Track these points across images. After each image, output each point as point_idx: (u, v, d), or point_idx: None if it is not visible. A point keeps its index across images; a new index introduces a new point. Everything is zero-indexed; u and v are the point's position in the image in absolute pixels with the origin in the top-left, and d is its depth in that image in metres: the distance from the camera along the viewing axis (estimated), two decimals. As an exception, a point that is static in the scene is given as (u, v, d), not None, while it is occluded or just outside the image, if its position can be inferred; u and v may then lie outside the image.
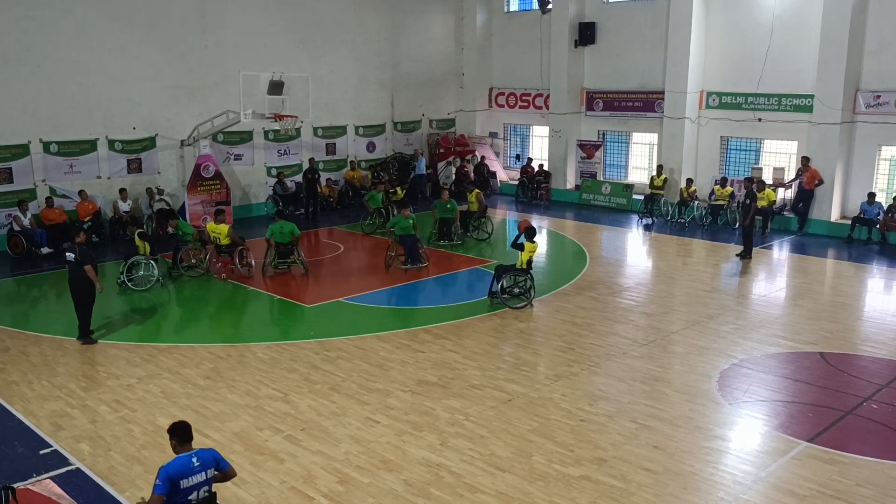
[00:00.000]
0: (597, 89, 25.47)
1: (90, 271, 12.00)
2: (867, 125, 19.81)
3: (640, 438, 8.94)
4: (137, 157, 20.71)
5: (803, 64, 20.42)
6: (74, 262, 12.01)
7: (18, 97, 18.51)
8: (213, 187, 20.96)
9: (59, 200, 19.03)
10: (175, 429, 6.40)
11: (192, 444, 6.38)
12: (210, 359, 11.61)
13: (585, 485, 7.92)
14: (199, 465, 6.23)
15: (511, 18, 27.79)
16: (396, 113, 26.80)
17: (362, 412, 9.70)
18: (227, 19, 21.85)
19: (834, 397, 10.13)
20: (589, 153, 25.65)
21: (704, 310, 13.88)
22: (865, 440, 8.97)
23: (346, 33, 24.72)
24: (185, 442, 6.35)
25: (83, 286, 12.08)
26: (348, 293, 15.02)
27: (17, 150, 18.67)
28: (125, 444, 8.88)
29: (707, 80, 22.67)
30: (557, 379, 10.75)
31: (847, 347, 12.06)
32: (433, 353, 11.79)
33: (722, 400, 10.06)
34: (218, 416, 9.61)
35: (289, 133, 22.63)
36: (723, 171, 22.71)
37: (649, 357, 11.60)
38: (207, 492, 6.35)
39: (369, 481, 8.02)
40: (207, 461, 6.32)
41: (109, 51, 19.70)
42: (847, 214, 20.26)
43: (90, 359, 11.65)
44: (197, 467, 6.22)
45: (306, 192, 23.10)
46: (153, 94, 20.68)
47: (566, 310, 13.93)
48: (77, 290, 12.12)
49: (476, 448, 8.71)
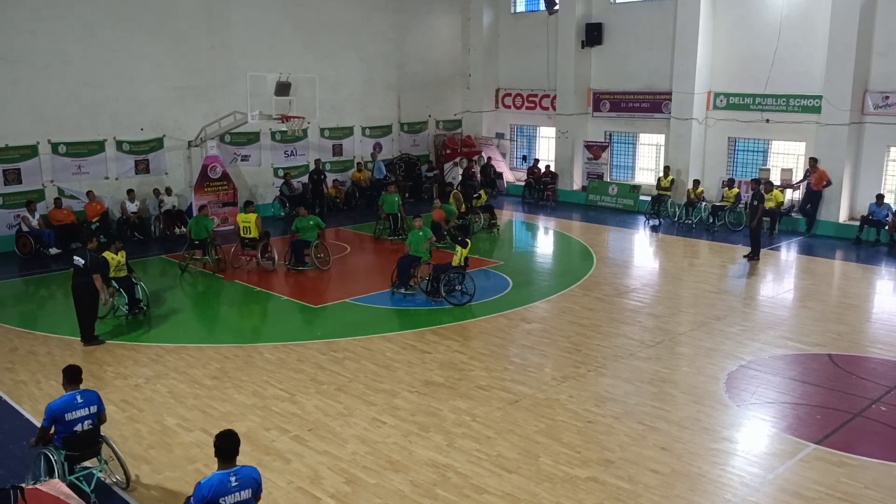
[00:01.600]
0: (604, 90, 25.43)
1: (98, 280, 11.95)
2: (876, 126, 19.74)
3: (648, 440, 8.92)
4: (145, 158, 20.78)
5: (811, 65, 20.35)
6: (83, 269, 11.91)
7: (26, 98, 18.59)
8: (221, 188, 21.02)
9: (67, 201, 19.09)
10: (66, 371, 7.54)
11: (78, 386, 7.49)
12: (217, 359, 11.63)
13: (592, 486, 7.90)
14: (82, 402, 7.24)
15: (518, 19, 27.77)
16: (403, 114, 26.82)
17: (369, 413, 9.70)
18: (235, 20, 21.91)
19: (842, 399, 10.09)
20: (596, 154, 25.61)
21: (712, 311, 13.84)
22: (874, 442, 8.93)
23: (352, 34, 24.75)
24: (72, 383, 7.42)
25: (87, 292, 11.99)
26: (355, 294, 15.03)
27: (26, 150, 18.75)
28: (132, 443, 8.90)
29: (714, 81, 22.61)
30: (564, 380, 10.74)
31: (855, 349, 12.01)
32: (440, 353, 11.79)
33: (729, 402, 10.03)
34: (225, 417, 9.62)
35: (296, 134, 22.73)
36: (730, 172, 22.65)
37: (656, 358, 11.58)
38: (91, 424, 7.42)
39: (376, 482, 8.02)
40: (92, 399, 7.48)
41: (117, 52, 19.77)
42: (855, 216, 20.18)
43: (98, 359, 11.68)
44: (80, 403, 7.24)
45: (312, 193, 23.12)
46: (161, 95, 20.74)
47: (573, 311, 13.91)
48: (81, 295, 12.02)
49: (483, 449, 8.70)
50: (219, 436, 6.06)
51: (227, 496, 5.86)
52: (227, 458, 5.99)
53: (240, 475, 5.97)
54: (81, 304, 12.10)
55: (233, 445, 6.00)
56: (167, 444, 8.91)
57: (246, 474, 6.03)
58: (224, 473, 5.92)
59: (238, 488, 5.92)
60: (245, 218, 16.70)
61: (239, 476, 5.96)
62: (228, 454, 5.99)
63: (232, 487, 5.89)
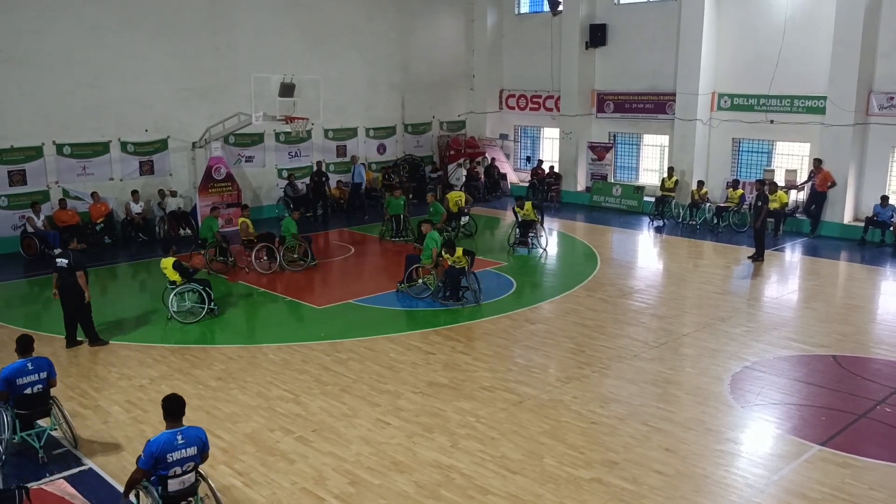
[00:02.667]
0: (608, 91, 25.42)
1: (81, 278, 11.92)
2: (880, 127, 19.70)
3: (652, 441, 8.92)
4: (150, 159, 20.82)
5: (816, 65, 20.31)
6: (67, 269, 11.89)
7: (32, 99, 18.64)
8: (225, 189, 21.05)
9: (71, 202, 19.14)
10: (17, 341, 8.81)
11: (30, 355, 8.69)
12: (221, 360, 11.65)
13: (596, 487, 7.90)
14: (32, 369, 8.50)
15: (522, 20, 27.77)
16: (407, 115, 26.83)
17: (373, 413, 9.71)
18: (239, 22, 21.94)
19: (847, 400, 10.07)
20: (600, 155, 25.60)
21: (716, 312, 13.82)
22: (879, 444, 8.92)
23: (356, 35, 24.78)
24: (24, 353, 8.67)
25: (74, 292, 11.97)
26: (359, 295, 15.05)
27: (31, 152, 18.80)
28: (137, 444, 8.89)
29: (719, 82, 22.59)
30: (568, 381, 10.73)
31: (860, 350, 11.99)
32: (444, 354, 11.79)
33: (734, 403, 10.01)
34: (229, 417, 9.64)
35: (300, 135, 22.73)
36: (734, 173, 22.62)
37: (660, 359, 11.57)
38: (41, 388, 8.54)
39: (380, 483, 8.03)
40: (42, 366, 8.63)
41: (121, 53, 19.82)
42: (860, 217, 20.13)
43: (103, 360, 11.71)
44: (31, 370, 8.51)
45: (314, 195, 23.15)
46: (165, 97, 20.78)
47: (577, 312, 13.91)
48: (69, 297, 11.99)
49: (487, 450, 8.70)
50: (165, 399, 6.89)
51: (174, 452, 6.63)
52: (174, 419, 6.80)
53: (186, 434, 6.75)
54: (68, 305, 12.05)
55: (178, 407, 6.83)
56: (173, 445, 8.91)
57: (192, 433, 6.81)
58: (171, 432, 6.71)
59: (184, 445, 6.69)
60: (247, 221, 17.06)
61: (185, 435, 6.74)
62: (175, 415, 6.81)
63: (178, 444, 6.66)
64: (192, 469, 6.83)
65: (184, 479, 6.79)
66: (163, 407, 6.84)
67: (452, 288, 14.23)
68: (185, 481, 6.81)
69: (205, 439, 6.90)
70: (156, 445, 6.59)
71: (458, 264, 14.11)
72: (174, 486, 6.74)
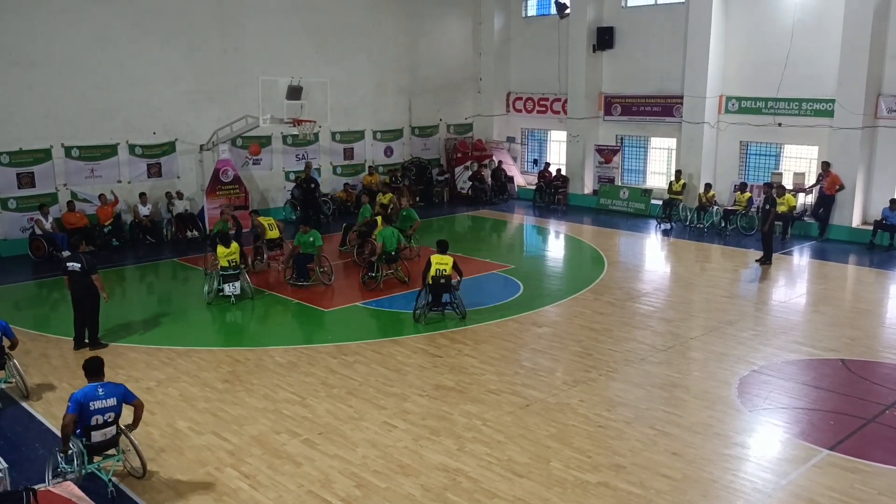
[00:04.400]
0: (615, 94, 25.39)
1: (98, 280, 11.96)
2: (889, 130, 19.61)
3: (659, 445, 8.89)
4: (157, 162, 20.90)
5: (824, 68, 20.24)
6: (80, 272, 11.88)
7: (40, 102, 18.74)
8: (232, 191, 21.10)
9: (80, 204, 19.20)
10: None
11: None
12: (228, 362, 11.67)
13: (603, 491, 7.88)
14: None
15: (529, 23, 27.77)
16: (414, 118, 26.85)
17: (379, 416, 9.70)
18: (247, 25, 22.00)
19: (855, 405, 10.01)
20: (607, 158, 25.56)
21: (724, 316, 13.77)
22: (888, 448, 8.86)
23: (364, 38, 24.82)
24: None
25: (89, 294, 11.99)
26: (366, 297, 15.05)
27: (39, 154, 18.90)
28: (144, 446, 8.90)
29: (726, 85, 22.53)
30: (575, 384, 10.71)
31: (869, 354, 11.92)
32: (450, 357, 11.78)
33: (742, 407, 9.97)
34: (236, 420, 9.65)
35: (307, 138, 22.79)
36: (742, 176, 22.55)
37: (668, 363, 11.53)
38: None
39: (386, 486, 8.02)
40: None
41: (130, 56, 19.90)
42: (869, 220, 20.05)
43: (110, 361, 11.65)
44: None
45: (303, 203, 22.12)
46: (173, 99, 20.85)
47: (584, 315, 13.88)
48: (85, 298, 11.99)
49: (493, 453, 8.68)
50: (85, 361, 8.10)
51: (96, 401, 7.77)
52: (95, 375, 7.95)
53: (105, 387, 7.90)
54: (83, 308, 12.06)
55: (97, 366, 7.99)
56: (178, 447, 8.94)
57: (112, 387, 7.98)
58: (93, 385, 7.87)
59: (105, 396, 7.83)
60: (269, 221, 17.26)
61: (105, 388, 7.88)
62: (95, 372, 7.96)
63: (99, 395, 7.81)
64: (112, 420, 7.91)
65: (105, 430, 7.87)
66: (84, 368, 8.04)
67: (298, 269, 15.59)
68: (107, 433, 7.90)
69: (124, 391, 8.03)
70: (80, 393, 7.76)
71: (444, 272, 13.27)
72: (97, 437, 7.83)
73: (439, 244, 13.81)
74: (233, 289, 14.58)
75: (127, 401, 8.01)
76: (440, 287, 13.31)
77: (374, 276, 15.59)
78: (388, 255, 15.57)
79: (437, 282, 13.25)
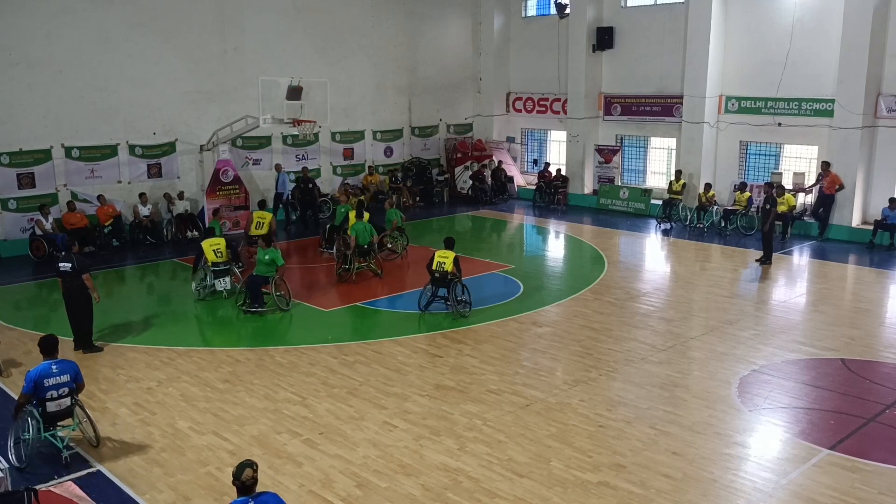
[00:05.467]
0: (615, 94, 25.40)
1: (88, 280, 11.91)
2: (889, 129, 19.61)
3: (659, 444, 8.89)
4: (157, 162, 20.90)
5: (824, 68, 20.25)
6: (71, 272, 11.86)
7: (41, 103, 18.73)
8: (232, 192, 21.09)
9: (80, 205, 19.20)
10: None
11: None
12: (229, 362, 11.67)
13: (604, 491, 7.88)
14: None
15: (529, 23, 27.77)
16: (414, 118, 26.86)
17: (380, 416, 9.71)
18: (247, 25, 22.01)
19: (856, 404, 10.02)
20: (607, 158, 25.57)
21: (724, 315, 13.78)
22: (888, 448, 8.87)
23: (364, 38, 24.82)
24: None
25: (80, 295, 11.93)
26: (366, 297, 15.06)
27: (39, 155, 18.89)
28: (146, 446, 8.95)
29: (726, 85, 22.54)
30: (576, 384, 10.71)
31: (869, 354, 11.93)
32: (451, 357, 11.79)
33: (742, 406, 9.98)
34: (237, 420, 9.66)
35: (307, 138, 22.78)
36: (742, 175, 22.55)
37: (668, 363, 11.54)
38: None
39: (387, 485, 8.03)
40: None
41: (130, 57, 19.91)
42: (868, 220, 20.05)
43: (111, 362, 11.74)
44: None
45: (301, 204, 22.27)
46: (173, 100, 20.86)
47: (584, 315, 13.89)
48: (76, 299, 11.96)
49: (494, 453, 8.69)
50: (40, 339, 8.81)
51: (49, 378, 8.48)
52: (49, 354, 8.68)
53: (59, 365, 8.62)
54: (76, 309, 12.03)
55: (51, 344, 8.76)
56: (179, 447, 8.94)
57: (65, 365, 8.70)
58: (47, 363, 8.57)
59: (58, 373, 8.55)
60: (260, 215, 17.33)
61: (58, 365, 8.60)
62: (49, 350, 8.71)
63: (53, 372, 8.52)
64: (66, 394, 8.63)
65: (60, 402, 8.60)
66: (39, 346, 8.76)
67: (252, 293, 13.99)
68: (61, 404, 8.63)
69: (77, 369, 8.75)
70: (34, 372, 8.45)
71: (443, 267, 13.56)
72: (52, 407, 8.57)
73: (446, 241, 14.20)
74: (224, 284, 14.83)
75: (77, 380, 8.78)
76: (437, 281, 13.78)
77: (346, 268, 16.18)
78: (360, 248, 16.15)
79: (434, 275, 13.74)
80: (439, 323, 13.48)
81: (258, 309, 13.97)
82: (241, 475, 5.82)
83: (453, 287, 13.67)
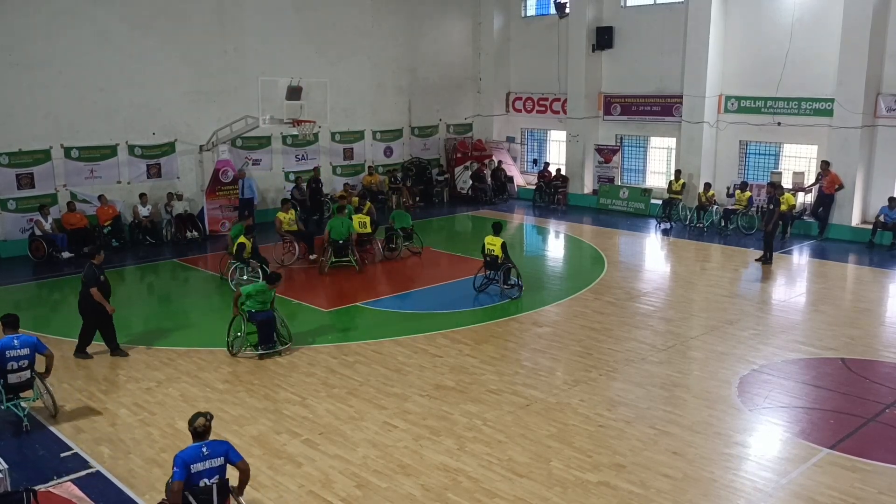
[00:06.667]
0: (614, 94, 25.39)
1: (96, 294, 11.62)
2: (888, 129, 19.61)
3: (659, 444, 8.89)
4: (157, 163, 20.89)
5: (823, 68, 20.24)
6: (82, 282, 11.78)
7: (40, 103, 18.72)
8: (232, 192, 21.08)
9: (79, 205, 19.19)
10: None
11: None
12: (228, 362, 11.66)
13: (604, 491, 7.88)
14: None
15: (528, 23, 27.77)
16: (414, 118, 26.85)
17: (380, 416, 9.71)
18: (247, 25, 22.00)
19: (856, 404, 10.02)
20: (607, 158, 25.56)
21: (724, 315, 13.78)
22: (888, 447, 8.86)
23: (364, 39, 24.81)
24: None
25: (89, 305, 11.72)
26: (366, 297, 15.06)
27: (39, 155, 18.88)
28: (145, 447, 8.94)
29: (726, 84, 22.53)
30: (575, 384, 10.71)
31: (869, 353, 11.93)
32: (451, 357, 11.78)
33: (742, 406, 9.98)
34: (236, 420, 9.65)
35: (307, 138, 22.77)
36: (742, 175, 22.55)
37: (668, 362, 11.53)
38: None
39: (387, 486, 8.02)
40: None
41: (130, 57, 19.89)
42: (868, 219, 20.05)
43: (110, 362, 11.73)
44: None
45: (311, 202, 22.52)
46: (173, 100, 20.84)
47: (584, 315, 13.88)
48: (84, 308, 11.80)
49: (494, 453, 8.69)
50: (3, 315, 9.51)
51: (11, 350, 9.18)
52: (12, 328, 9.40)
53: (20, 339, 9.30)
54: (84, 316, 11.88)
55: (13, 320, 9.47)
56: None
57: (25, 338, 9.34)
58: (9, 337, 9.29)
59: (19, 346, 9.26)
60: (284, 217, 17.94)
61: (20, 340, 9.28)
62: (11, 325, 9.44)
63: (14, 346, 9.25)
64: (26, 367, 9.30)
65: (20, 374, 9.29)
66: (1, 321, 9.39)
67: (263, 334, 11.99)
68: (22, 376, 9.31)
69: (36, 343, 9.38)
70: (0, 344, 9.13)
71: (493, 252, 14.97)
72: (13, 379, 9.27)
73: (494, 226, 15.51)
74: None
75: (39, 351, 9.42)
76: (489, 264, 15.12)
77: (313, 258, 17.46)
78: (334, 243, 16.85)
79: (486, 258, 15.16)
80: (439, 323, 13.47)
81: (270, 349, 12.00)
82: (195, 422, 6.79)
83: (504, 271, 14.85)
